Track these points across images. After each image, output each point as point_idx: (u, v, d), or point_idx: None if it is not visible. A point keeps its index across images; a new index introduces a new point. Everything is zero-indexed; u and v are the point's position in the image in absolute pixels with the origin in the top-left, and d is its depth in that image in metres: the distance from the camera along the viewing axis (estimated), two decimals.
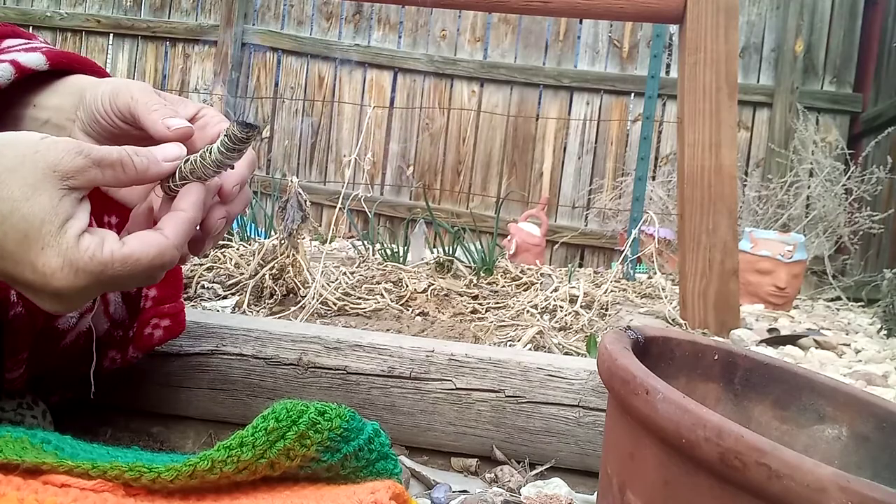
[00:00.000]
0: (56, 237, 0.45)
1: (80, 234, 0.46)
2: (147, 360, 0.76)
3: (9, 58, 0.56)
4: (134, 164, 0.49)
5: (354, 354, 0.80)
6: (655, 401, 0.39)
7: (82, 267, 0.45)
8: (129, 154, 0.49)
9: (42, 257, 0.45)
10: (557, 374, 0.77)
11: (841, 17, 3.69)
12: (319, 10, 4.19)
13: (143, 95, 0.54)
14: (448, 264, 1.76)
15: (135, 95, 0.54)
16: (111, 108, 0.55)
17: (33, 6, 4.40)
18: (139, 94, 0.54)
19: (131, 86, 0.55)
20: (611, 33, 3.90)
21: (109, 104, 0.55)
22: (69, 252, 0.45)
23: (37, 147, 0.46)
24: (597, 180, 3.89)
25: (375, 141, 4.11)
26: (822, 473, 0.32)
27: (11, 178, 0.45)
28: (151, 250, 0.48)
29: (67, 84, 0.58)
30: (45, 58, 0.57)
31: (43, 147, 0.46)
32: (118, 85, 0.55)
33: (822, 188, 3.10)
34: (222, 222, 0.56)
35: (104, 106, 0.55)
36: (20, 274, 0.46)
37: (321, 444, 0.47)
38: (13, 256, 0.45)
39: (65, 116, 0.57)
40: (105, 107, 0.55)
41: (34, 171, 0.45)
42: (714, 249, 1.44)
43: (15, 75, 0.55)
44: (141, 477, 0.44)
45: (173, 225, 0.50)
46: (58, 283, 0.45)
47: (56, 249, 0.45)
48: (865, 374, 1.14)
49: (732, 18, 1.43)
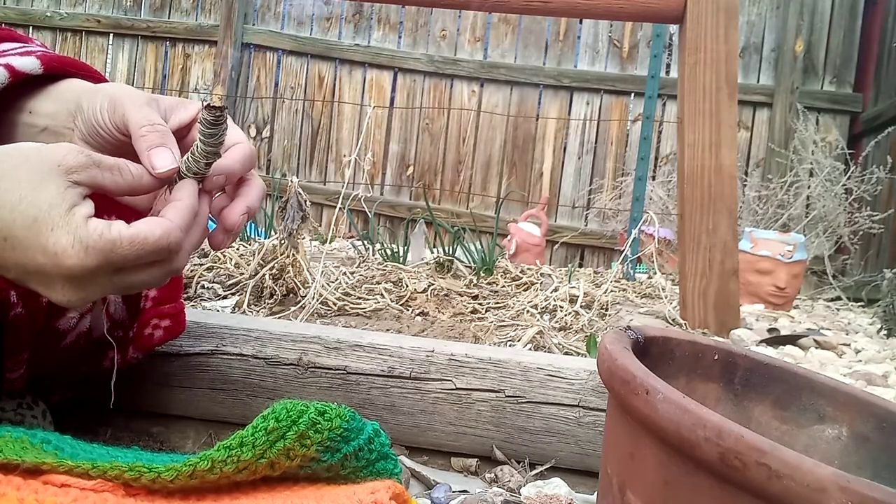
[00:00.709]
0: (65, 218, 0.46)
1: (88, 216, 0.48)
2: (147, 360, 0.76)
3: (3, 62, 0.56)
4: (130, 169, 0.51)
5: (354, 354, 0.80)
6: (655, 401, 0.39)
7: (92, 245, 0.46)
8: (126, 161, 0.51)
9: (52, 237, 0.46)
10: (557, 374, 0.77)
11: (841, 17, 3.69)
12: (319, 10, 4.19)
13: (135, 113, 0.54)
14: (448, 264, 1.76)
15: (127, 113, 0.54)
16: (110, 122, 0.55)
17: (33, 6, 4.40)
18: (131, 110, 0.54)
19: (125, 101, 0.54)
20: (611, 33, 3.90)
21: (109, 118, 0.55)
22: (79, 230, 0.46)
23: (40, 148, 0.49)
24: (597, 180, 3.89)
25: (375, 141, 4.11)
26: (822, 473, 0.32)
27: (18, 172, 0.47)
28: (158, 230, 0.49)
29: (62, 89, 0.58)
30: (40, 62, 0.57)
31: (46, 148, 0.49)
32: (114, 98, 0.55)
33: (822, 188, 3.10)
34: (244, 217, 0.57)
35: (103, 119, 0.55)
36: (32, 260, 0.47)
37: (321, 444, 0.47)
38: (23, 243, 0.46)
39: (62, 124, 0.57)
40: (105, 120, 0.55)
41: (40, 165, 0.47)
42: (714, 249, 1.44)
43: (9, 79, 0.55)
44: (141, 477, 0.44)
45: (173, 211, 0.52)
46: (70, 262, 0.46)
47: (65, 229, 0.46)
48: (865, 374, 1.14)
49: (732, 18, 1.43)
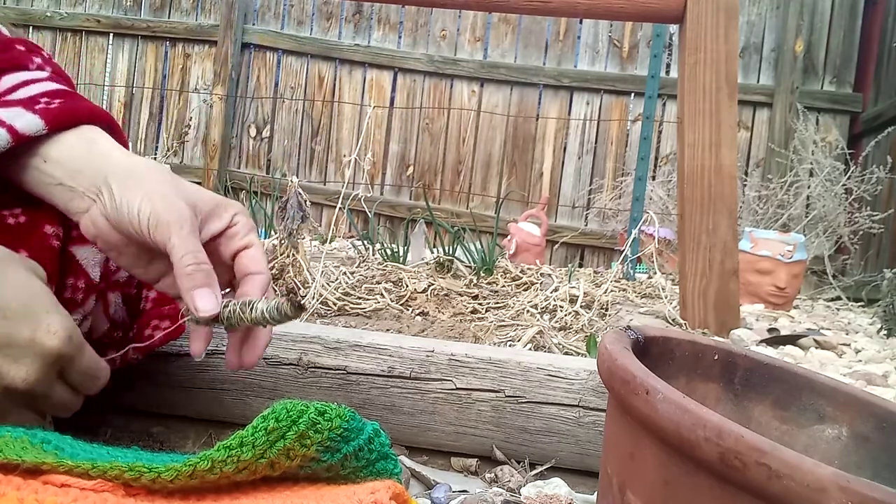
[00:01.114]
0: (58, 306, 0.52)
1: None
2: (147, 360, 0.76)
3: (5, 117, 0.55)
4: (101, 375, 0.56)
5: (354, 354, 0.80)
6: (655, 401, 0.39)
7: (76, 337, 0.52)
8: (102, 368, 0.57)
9: (48, 318, 0.50)
10: (557, 374, 0.77)
11: (841, 17, 3.69)
12: (319, 10, 4.19)
13: (181, 243, 0.53)
14: (448, 264, 1.76)
15: (173, 238, 0.53)
16: (149, 234, 0.54)
17: (33, 6, 4.40)
18: (177, 236, 0.53)
19: (171, 223, 0.53)
20: (611, 33, 3.90)
21: (149, 230, 0.54)
22: (68, 320, 0.51)
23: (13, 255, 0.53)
24: (597, 180, 3.89)
25: (375, 141, 4.11)
26: (822, 473, 0.32)
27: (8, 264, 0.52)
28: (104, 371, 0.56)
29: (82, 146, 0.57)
30: (44, 122, 0.56)
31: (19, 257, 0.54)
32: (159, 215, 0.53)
33: (822, 188, 3.10)
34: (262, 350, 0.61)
35: (141, 226, 0.54)
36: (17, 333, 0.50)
37: (321, 444, 0.47)
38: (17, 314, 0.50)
39: (82, 187, 0.56)
40: (143, 228, 0.54)
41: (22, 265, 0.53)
42: (714, 249, 1.44)
43: (11, 143, 0.55)
44: (141, 477, 0.43)
45: None
46: (51, 343, 0.50)
47: (60, 316, 0.51)
48: (865, 374, 1.14)
49: (732, 18, 1.43)
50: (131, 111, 4.34)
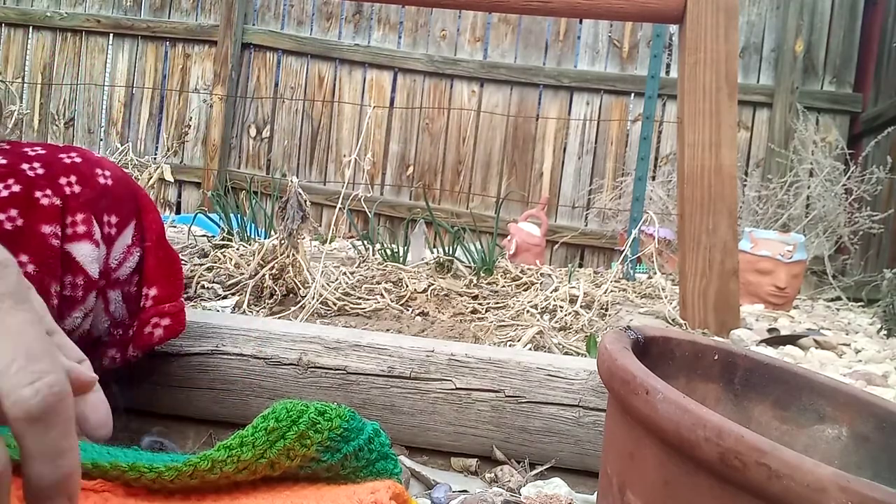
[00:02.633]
0: None
1: None
2: (147, 359, 0.76)
3: None
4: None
5: (354, 354, 0.80)
6: (655, 401, 0.39)
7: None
8: None
9: None
10: (557, 374, 0.77)
11: (841, 17, 3.69)
12: (319, 10, 4.19)
13: None
14: (448, 264, 1.76)
15: None
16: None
17: (33, 6, 4.40)
18: None
19: None
20: (611, 33, 3.90)
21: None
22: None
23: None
24: (597, 180, 3.89)
25: (375, 141, 4.11)
26: (822, 473, 0.32)
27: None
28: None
29: None
30: None
31: None
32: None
33: (822, 188, 3.10)
34: None
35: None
36: None
37: (321, 444, 0.47)
38: None
39: None
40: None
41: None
42: (714, 249, 1.44)
43: None
44: (141, 477, 0.44)
45: None
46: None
47: None
48: (865, 374, 1.14)
49: (732, 18, 1.43)
50: (131, 111, 4.34)
